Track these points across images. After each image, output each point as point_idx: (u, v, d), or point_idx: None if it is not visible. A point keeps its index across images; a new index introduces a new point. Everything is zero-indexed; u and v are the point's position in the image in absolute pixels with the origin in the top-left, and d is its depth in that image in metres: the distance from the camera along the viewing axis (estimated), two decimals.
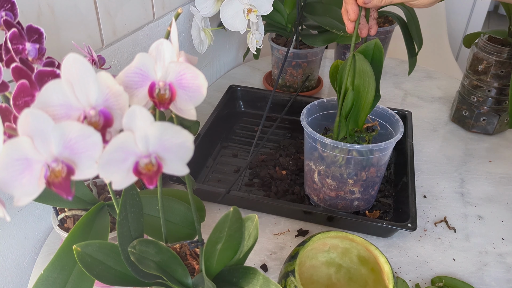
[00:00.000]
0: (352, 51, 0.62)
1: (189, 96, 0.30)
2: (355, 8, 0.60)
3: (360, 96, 0.63)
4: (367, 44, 0.63)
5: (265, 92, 0.98)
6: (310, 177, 0.72)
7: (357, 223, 0.68)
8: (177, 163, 0.29)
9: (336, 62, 0.66)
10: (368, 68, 0.61)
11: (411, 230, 0.63)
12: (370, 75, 0.61)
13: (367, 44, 0.63)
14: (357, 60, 0.62)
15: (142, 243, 0.39)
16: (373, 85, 0.62)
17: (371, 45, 0.63)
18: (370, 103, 0.63)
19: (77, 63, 0.27)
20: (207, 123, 0.85)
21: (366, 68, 0.61)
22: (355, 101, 0.64)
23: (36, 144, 0.26)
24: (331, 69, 0.67)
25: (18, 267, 0.64)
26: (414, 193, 0.69)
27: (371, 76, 0.61)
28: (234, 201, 0.72)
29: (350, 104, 0.64)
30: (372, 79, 0.61)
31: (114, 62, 0.74)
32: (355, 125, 0.66)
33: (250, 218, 0.41)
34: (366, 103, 0.63)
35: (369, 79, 0.61)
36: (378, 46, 0.62)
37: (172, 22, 0.31)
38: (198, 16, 0.88)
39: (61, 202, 0.51)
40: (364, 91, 0.62)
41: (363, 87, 0.62)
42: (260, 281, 0.39)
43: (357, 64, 0.62)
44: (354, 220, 0.67)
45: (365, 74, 0.61)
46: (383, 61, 0.63)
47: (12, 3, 0.38)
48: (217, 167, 0.83)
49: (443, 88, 1.10)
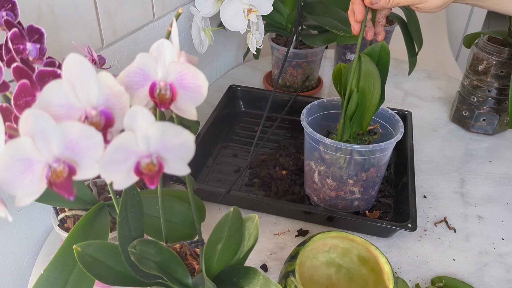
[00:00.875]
0: (358, 52, 0.62)
1: (189, 96, 0.30)
2: (361, 8, 0.60)
3: (365, 98, 0.63)
4: (373, 46, 0.63)
5: (265, 92, 0.98)
6: (310, 177, 0.72)
7: (357, 223, 0.68)
8: (178, 163, 0.29)
9: (339, 65, 0.66)
10: (374, 70, 0.61)
11: (411, 230, 0.63)
12: (376, 77, 0.61)
13: (373, 46, 0.63)
14: (363, 61, 0.61)
15: (142, 243, 0.39)
16: (379, 87, 0.61)
17: (377, 47, 0.62)
18: (375, 105, 0.62)
19: (78, 63, 0.27)
20: (207, 123, 0.85)
21: (372, 70, 0.61)
22: (360, 103, 0.63)
23: (37, 144, 0.26)
24: (334, 72, 0.67)
25: (18, 267, 0.64)
26: (414, 193, 0.69)
27: (377, 78, 0.61)
28: (234, 201, 0.72)
29: (355, 106, 0.63)
30: (378, 81, 0.61)
31: (114, 62, 0.74)
32: (359, 127, 0.66)
33: (250, 218, 0.41)
34: (371, 105, 0.62)
35: (374, 81, 0.61)
36: (384, 48, 0.62)
37: (173, 22, 0.31)
38: (198, 16, 0.88)
39: (61, 202, 0.51)
40: (370, 93, 0.62)
41: (368, 89, 0.62)
42: (260, 281, 0.39)
43: (363, 66, 0.61)
44: (354, 220, 0.67)
45: (371, 75, 0.61)
46: (389, 64, 0.63)
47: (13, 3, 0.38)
48: (217, 167, 0.83)
49: (443, 88, 1.10)
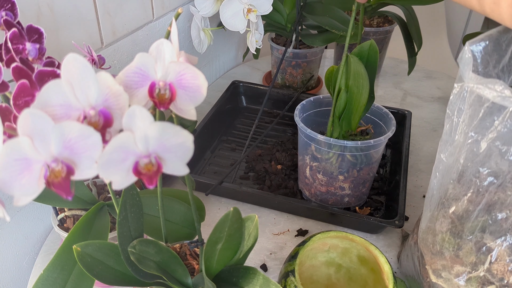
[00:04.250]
0: (345, 52, 0.62)
1: (189, 96, 0.30)
2: None
3: (353, 97, 0.63)
4: (362, 45, 0.63)
5: (267, 89, 0.99)
6: (302, 172, 0.72)
7: (345, 218, 0.68)
8: (177, 163, 0.29)
9: (332, 67, 0.66)
10: (362, 70, 0.61)
11: (398, 227, 0.63)
12: (364, 77, 0.61)
13: (362, 45, 0.63)
14: (352, 62, 0.62)
15: (142, 243, 0.39)
16: (367, 87, 0.62)
17: (366, 46, 0.63)
18: (364, 105, 0.63)
19: (77, 63, 0.27)
20: (207, 116, 0.87)
21: (360, 70, 0.61)
22: (348, 102, 0.64)
23: (35, 144, 0.26)
24: (326, 73, 0.67)
25: (18, 267, 0.64)
26: (404, 191, 0.69)
27: (365, 78, 0.61)
28: (226, 192, 0.73)
29: (344, 104, 0.64)
30: (366, 81, 0.61)
31: (113, 62, 0.74)
32: (348, 127, 0.67)
33: (250, 218, 0.41)
34: (360, 105, 0.63)
35: (363, 81, 0.62)
36: (373, 47, 0.62)
37: (172, 22, 0.31)
38: (197, 16, 0.88)
39: (61, 202, 0.51)
40: (358, 93, 0.62)
41: (357, 88, 0.62)
42: (260, 281, 0.39)
43: (352, 66, 0.62)
44: (341, 215, 0.68)
45: (359, 76, 0.62)
46: (377, 62, 0.63)
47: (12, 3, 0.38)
48: (215, 160, 0.84)
49: (442, 88, 1.10)
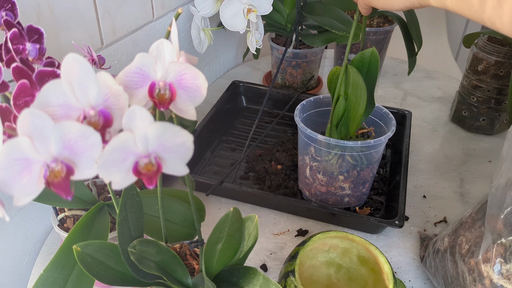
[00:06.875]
0: (346, 59, 0.62)
1: (189, 96, 0.30)
2: None
3: (352, 106, 0.63)
4: (363, 52, 0.63)
5: (267, 89, 0.99)
6: (302, 172, 0.72)
7: (345, 218, 0.68)
8: (177, 163, 0.29)
9: (335, 68, 0.66)
10: (360, 82, 0.61)
11: (398, 227, 0.63)
12: (362, 88, 0.61)
13: (363, 52, 0.63)
14: (350, 72, 0.62)
15: (142, 243, 0.39)
16: (365, 98, 0.62)
17: (368, 54, 0.63)
18: (361, 115, 0.63)
19: (77, 63, 0.27)
20: (207, 117, 0.87)
21: (359, 82, 0.61)
22: (346, 110, 0.64)
23: (35, 144, 0.26)
24: (329, 75, 0.67)
25: (18, 267, 0.64)
26: (405, 191, 0.69)
27: (363, 89, 0.61)
28: (227, 193, 0.73)
29: (342, 111, 0.64)
30: (364, 92, 0.61)
31: (113, 62, 0.74)
32: (346, 133, 0.67)
33: (250, 218, 0.41)
34: (357, 115, 0.63)
35: (361, 92, 0.62)
36: (374, 55, 0.62)
37: (172, 22, 0.31)
38: (197, 16, 0.88)
39: (61, 202, 0.51)
40: (356, 103, 0.63)
41: (355, 98, 0.62)
42: (260, 281, 0.39)
43: (351, 76, 0.62)
44: (341, 215, 0.67)
45: (358, 87, 0.62)
46: (378, 70, 0.63)
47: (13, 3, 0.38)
48: (215, 160, 0.84)
49: (442, 88, 1.10)
